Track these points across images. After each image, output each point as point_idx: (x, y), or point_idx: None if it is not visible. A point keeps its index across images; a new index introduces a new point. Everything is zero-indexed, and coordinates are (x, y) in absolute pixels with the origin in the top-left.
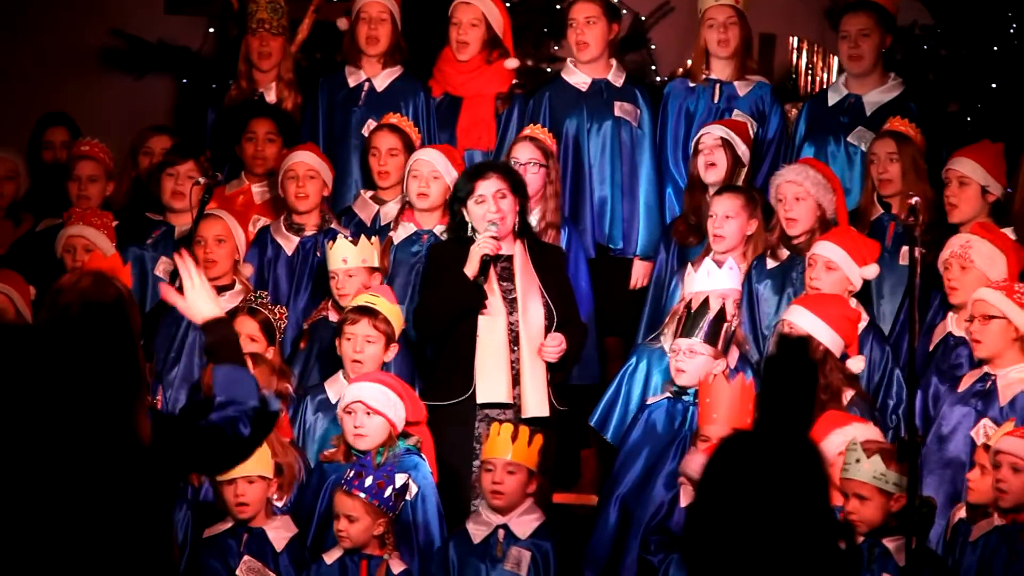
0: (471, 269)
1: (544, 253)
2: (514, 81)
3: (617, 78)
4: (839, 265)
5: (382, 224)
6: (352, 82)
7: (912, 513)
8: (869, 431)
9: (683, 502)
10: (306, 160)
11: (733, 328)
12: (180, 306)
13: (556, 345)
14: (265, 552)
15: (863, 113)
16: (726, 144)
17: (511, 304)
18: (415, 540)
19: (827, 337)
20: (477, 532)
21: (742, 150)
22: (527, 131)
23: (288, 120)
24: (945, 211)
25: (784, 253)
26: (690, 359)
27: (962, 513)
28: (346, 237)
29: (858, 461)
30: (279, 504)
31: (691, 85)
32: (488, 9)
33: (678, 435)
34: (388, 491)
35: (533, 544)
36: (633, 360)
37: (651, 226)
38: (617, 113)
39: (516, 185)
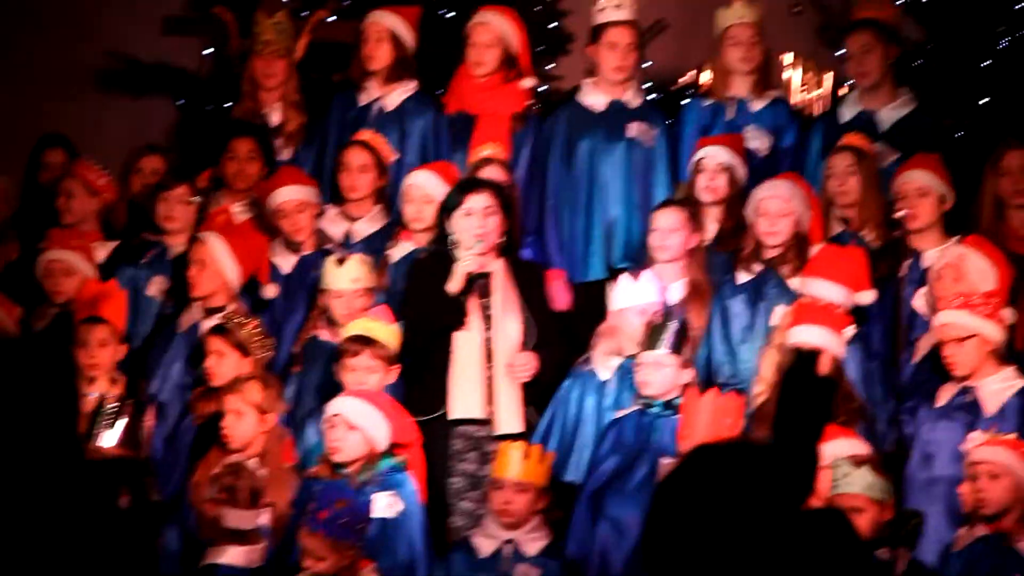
0: (455, 286)
1: (526, 271)
2: (529, 101)
3: (635, 99)
4: (837, 303)
5: (353, 241)
6: (363, 100)
7: (899, 526)
8: (856, 446)
9: None
10: (293, 196)
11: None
12: None
13: (524, 364)
14: None
15: (877, 129)
16: (727, 169)
17: (487, 320)
18: (397, 557)
19: (836, 346)
20: (484, 545)
21: (741, 174)
22: (485, 152)
23: (267, 138)
24: (896, 224)
25: (757, 267)
26: (657, 371)
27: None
28: (358, 258)
29: (847, 475)
30: (272, 525)
31: (705, 103)
32: (505, 29)
33: (647, 446)
34: (347, 522)
35: (541, 562)
36: (567, 382)
37: None
38: (630, 135)
39: (506, 204)
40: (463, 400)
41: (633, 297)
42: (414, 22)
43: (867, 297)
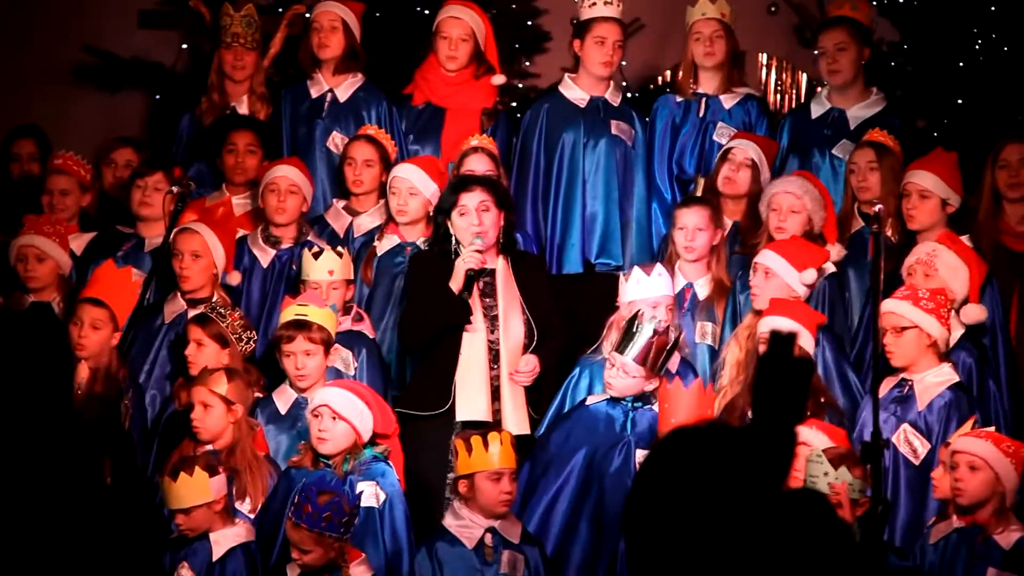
0: (456, 284)
1: (525, 264)
2: (498, 97)
3: (614, 97)
4: (778, 272)
5: (356, 235)
6: (315, 93)
7: (868, 514)
8: (819, 437)
9: None
10: (288, 175)
11: (670, 339)
12: None
13: (529, 370)
14: (207, 560)
15: (847, 126)
16: (754, 166)
17: (492, 321)
18: (383, 547)
19: (807, 340)
20: (467, 535)
21: (765, 176)
22: (475, 142)
23: (268, 132)
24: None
25: None
26: (622, 377)
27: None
28: (333, 250)
29: (826, 474)
30: (251, 515)
31: (678, 100)
32: (476, 24)
33: (620, 439)
34: (330, 515)
35: (523, 549)
36: (576, 372)
37: (641, 243)
38: (613, 132)
39: (501, 199)
40: (470, 402)
41: (642, 290)
42: (359, 16)
43: (809, 276)
